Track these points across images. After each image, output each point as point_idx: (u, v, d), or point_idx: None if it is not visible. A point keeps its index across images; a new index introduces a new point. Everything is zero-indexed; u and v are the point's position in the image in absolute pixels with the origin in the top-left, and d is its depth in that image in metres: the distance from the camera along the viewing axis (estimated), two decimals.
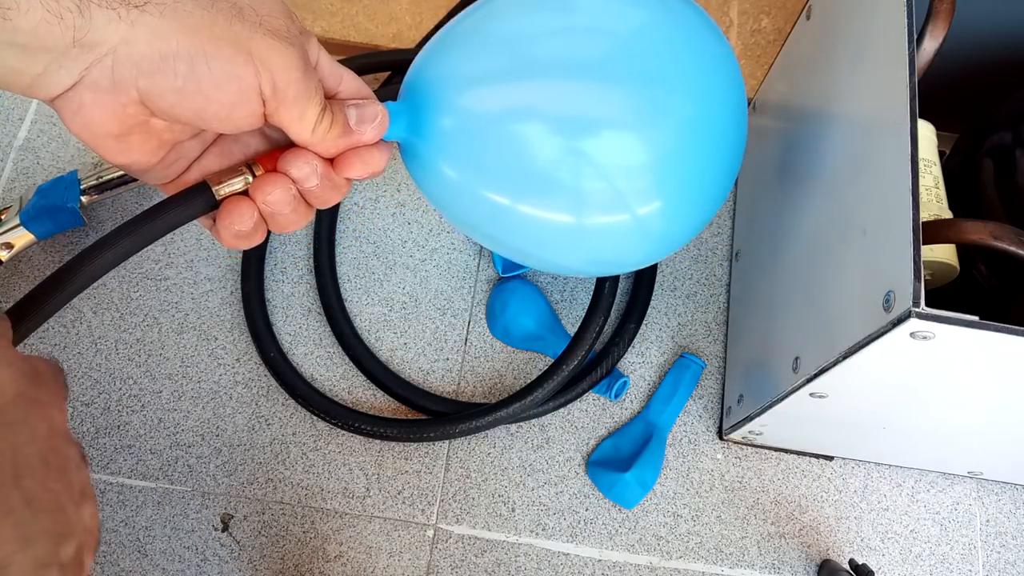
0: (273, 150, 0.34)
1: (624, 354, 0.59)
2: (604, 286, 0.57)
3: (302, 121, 0.31)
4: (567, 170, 0.36)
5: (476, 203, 0.39)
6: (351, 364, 0.59)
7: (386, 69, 0.65)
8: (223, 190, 0.32)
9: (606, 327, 0.59)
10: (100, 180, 0.59)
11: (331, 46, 0.68)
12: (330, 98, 0.33)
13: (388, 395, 0.58)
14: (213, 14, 0.28)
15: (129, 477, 0.56)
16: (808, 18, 0.53)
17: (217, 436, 0.57)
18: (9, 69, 0.27)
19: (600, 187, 0.37)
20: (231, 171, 0.33)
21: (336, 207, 0.63)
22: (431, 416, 0.57)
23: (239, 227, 0.32)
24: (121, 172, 0.59)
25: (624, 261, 0.44)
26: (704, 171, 0.39)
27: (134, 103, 0.28)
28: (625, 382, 0.59)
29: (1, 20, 0.25)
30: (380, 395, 0.59)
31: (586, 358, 0.56)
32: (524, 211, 0.38)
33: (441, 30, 0.40)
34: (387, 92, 0.39)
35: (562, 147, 0.36)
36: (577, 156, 0.36)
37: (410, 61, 0.65)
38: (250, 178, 0.33)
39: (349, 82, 0.34)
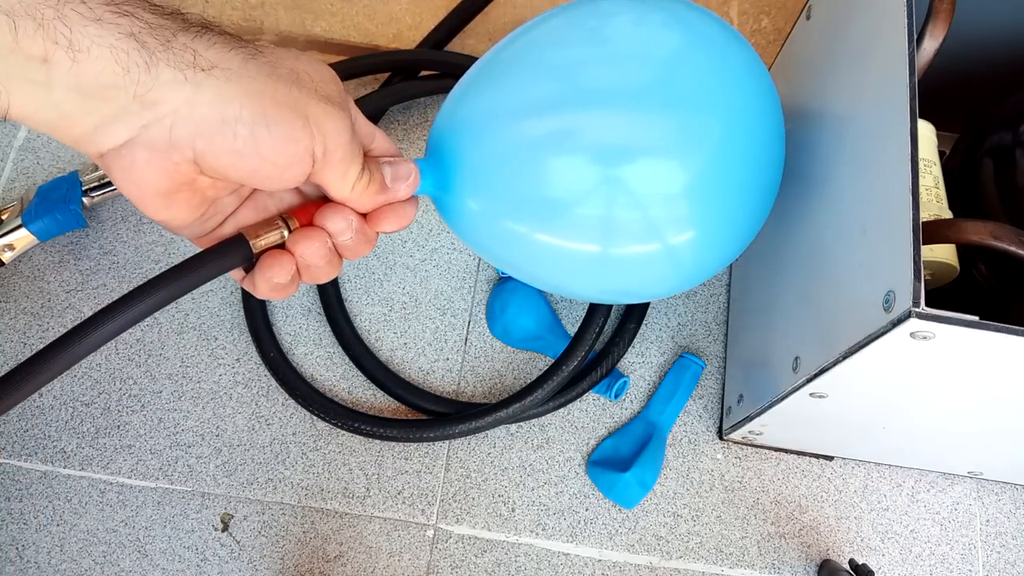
0: (307, 204, 0.35)
1: (624, 354, 0.59)
2: None
3: (344, 180, 0.32)
4: (602, 199, 0.36)
5: (513, 242, 0.39)
6: (351, 364, 0.59)
7: (386, 70, 0.65)
8: (260, 243, 0.33)
9: (606, 327, 0.59)
10: (102, 181, 0.59)
11: (331, 46, 0.68)
12: (364, 156, 0.34)
13: (388, 395, 0.58)
14: (275, 81, 0.29)
15: (129, 477, 0.56)
16: (808, 18, 0.53)
17: (217, 436, 0.57)
18: (63, 115, 0.26)
19: (634, 216, 0.37)
20: (267, 224, 0.33)
21: None
22: (431, 416, 0.57)
23: (278, 279, 0.33)
24: None
25: (652, 291, 0.44)
26: (739, 197, 0.39)
27: (187, 162, 0.28)
28: (625, 382, 0.59)
29: (69, 62, 0.25)
30: (380, 395, 0.59)
31: (586, 358, 0.56)
32: (558, 244, 0.38)
33: (461, 79, 0.40)
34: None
35: (598, 177, 0.36)
36: (613, 185, 0.36)
37: (410, 61, 0.65)
38: (285, 232, 0.33)
39: (380, 140, 0.36)
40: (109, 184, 0.59)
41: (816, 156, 0.48)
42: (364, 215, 0.35)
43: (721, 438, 0.58)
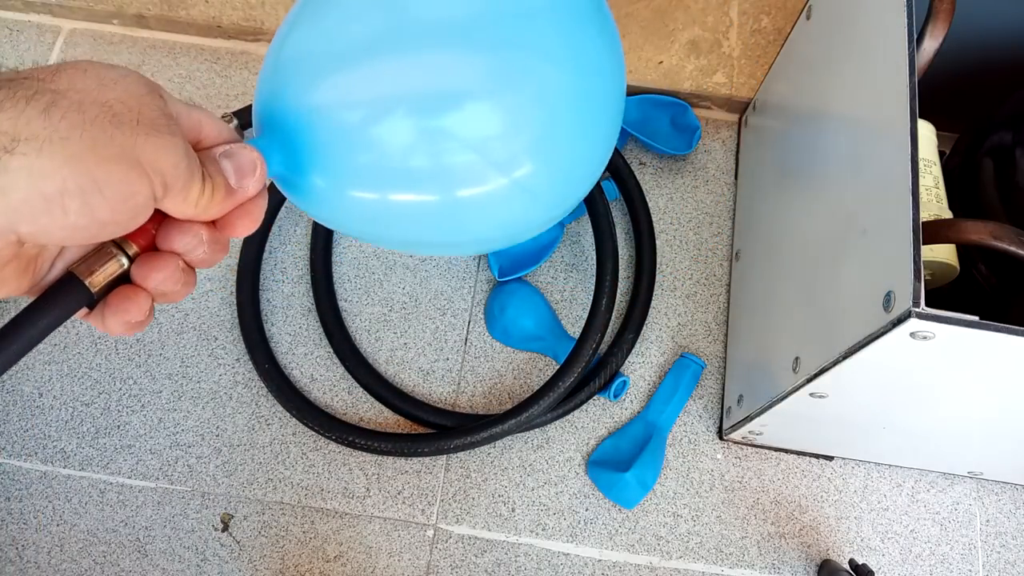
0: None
1: (621, 364, 0.59)
2: (601, 303, 0.56)
3: (186, 202, 0.28)
4: (431, 149, 0.34)
5: (358, 209, 0.36)
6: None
7: None
8: (97, 280, 0.28)
9: (606, 332, 0.59)
10: None
11: None
12: (196, 150, 0.30)
13: (389, 408, 0.58)
14: (92, 132, 0.24)
15: (129, 477, 0.56)
16: (808, 18, 0.53)
17: (217, 436, 0.57)
18: None
19: (469, 159, 0.35)
20: (100, 256, 0.29)
21: None
22: (429, 427, 0.57)
23: (136, 318, 0.29)
24: None
25: (525, 225, 0.42)
26: (581, 131, 0.38)
27: (11, 244, 0.25)
28: (625, 382, 0.59)
29: None
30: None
31: (580, 376, 0.56)
32: (406, 200, 0.35)
33: (274, 39, 0.37)
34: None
35: (420, 127, 0.34)
36: (436, 134, 0.34)
37: None
38: (124, 260, 0.29)
39: (208, 126, 0.31)
40: None
41: (816, 156, 0.48)
42: (213, 221, 0.31)
43: (721, 438, 0.58)
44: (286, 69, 0.35)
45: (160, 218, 0.29)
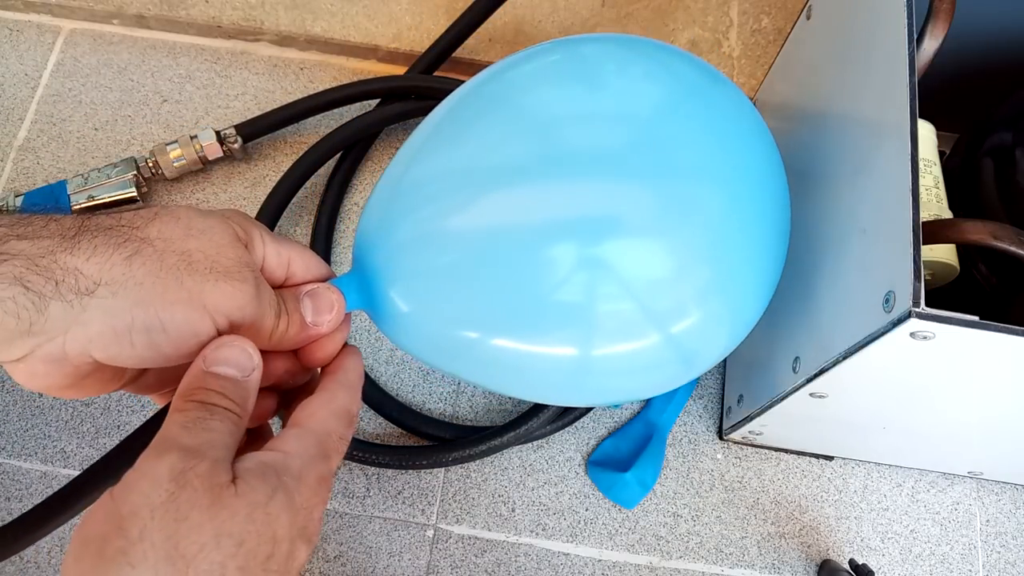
0: None
1: None
2: None
3: (258, 335, 0.30)
4: (581, 288, 0.30)
5: (478, 355, 0.33)
6: None
7: (376, 97, 0.65)
8: None
9: None
10: (92, 202, 0.59)
11: (331, 46, 0.68)
12: (281, 287, 0.32)
13: (385, 418, 0.58)
14: (164, 279, 0.28)
15: None
16: (808, 18, 0.53)
17: None
18: None
19: (625, 307, 0.30)
20: None
21: (336, 207, 0.63)
22: (425, 436, 0.57)
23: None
24: (112, 198, 0.59)
25: (663, 387, 0.38)
26: (746, 271, 0.34)
27: (88, 364, 0.28)
28: None
29: None
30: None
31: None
32: (541, 352, 0.32)
33: (381, 179, 0.35)
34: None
35: (574, 260, 0.30)
36: (594, 270, 0.30)
37: (403, 87, 0.64)
38: None
39: (298, 263, 0.33)
40: (99, 206, 0.59)
41: (816, 156, 0.48)
42: (294, 352, 0.33)
43: (721, 438, 0.58)
44: (407, 194, 0.32)
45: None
